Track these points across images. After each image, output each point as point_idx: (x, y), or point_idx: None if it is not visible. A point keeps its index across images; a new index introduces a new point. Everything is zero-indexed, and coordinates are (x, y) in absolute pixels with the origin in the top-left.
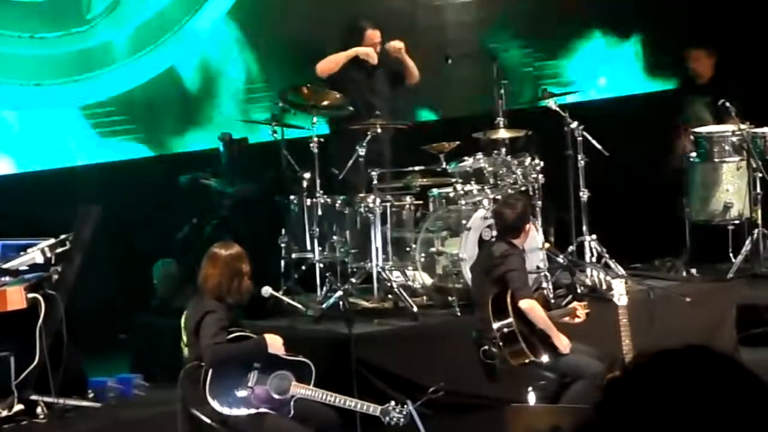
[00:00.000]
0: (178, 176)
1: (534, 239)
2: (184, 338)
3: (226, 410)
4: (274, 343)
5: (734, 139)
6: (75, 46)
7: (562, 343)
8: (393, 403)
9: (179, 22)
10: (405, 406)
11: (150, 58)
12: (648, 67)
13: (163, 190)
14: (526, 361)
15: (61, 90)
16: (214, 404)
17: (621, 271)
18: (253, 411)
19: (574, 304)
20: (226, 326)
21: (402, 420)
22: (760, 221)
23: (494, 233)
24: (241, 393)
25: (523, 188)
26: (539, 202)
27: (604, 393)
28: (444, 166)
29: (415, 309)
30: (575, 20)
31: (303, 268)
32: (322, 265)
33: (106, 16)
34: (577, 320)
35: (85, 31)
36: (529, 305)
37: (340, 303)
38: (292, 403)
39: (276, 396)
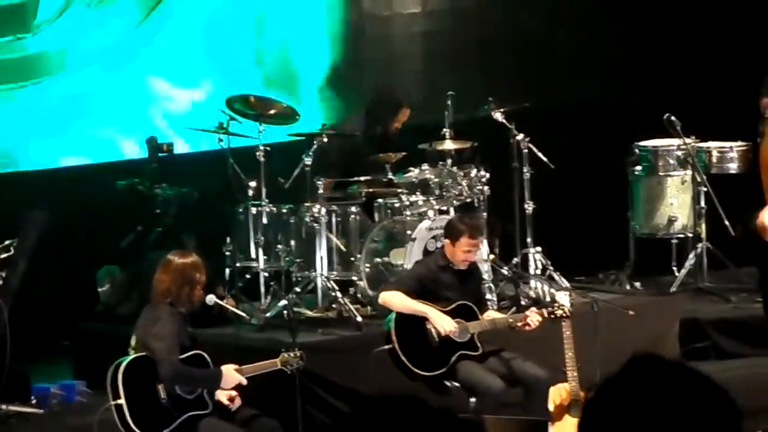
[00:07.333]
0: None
1: (479, 251)
2: (132, 342)
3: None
4: (230, 382)
5: (679, 152)
6: (19, 53)
7: (444, 325)
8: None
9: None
10: (299, 351)
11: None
12: None
13: (105, 197)
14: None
15: (6, 96)
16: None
17: (565, 283)
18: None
19: (532, 309)
20: (178, 338)
21: (302, 363)
22: (704, 235)
23: (439, 244)
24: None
25: (468, 200)
26: (484, 214)
27: (582, 411)
28: (390, 176)
29: (359, 319)
30: None
31: (247, 276)
32: (266, 274)
33: (52, 23)
34: (527, 328)
35: (30, 38)
36: (382, 298)
37: (285, 312)
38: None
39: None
